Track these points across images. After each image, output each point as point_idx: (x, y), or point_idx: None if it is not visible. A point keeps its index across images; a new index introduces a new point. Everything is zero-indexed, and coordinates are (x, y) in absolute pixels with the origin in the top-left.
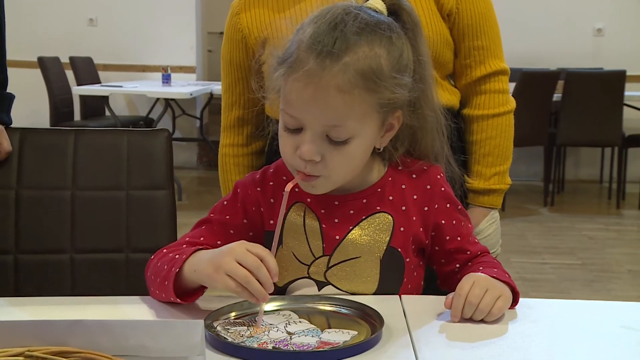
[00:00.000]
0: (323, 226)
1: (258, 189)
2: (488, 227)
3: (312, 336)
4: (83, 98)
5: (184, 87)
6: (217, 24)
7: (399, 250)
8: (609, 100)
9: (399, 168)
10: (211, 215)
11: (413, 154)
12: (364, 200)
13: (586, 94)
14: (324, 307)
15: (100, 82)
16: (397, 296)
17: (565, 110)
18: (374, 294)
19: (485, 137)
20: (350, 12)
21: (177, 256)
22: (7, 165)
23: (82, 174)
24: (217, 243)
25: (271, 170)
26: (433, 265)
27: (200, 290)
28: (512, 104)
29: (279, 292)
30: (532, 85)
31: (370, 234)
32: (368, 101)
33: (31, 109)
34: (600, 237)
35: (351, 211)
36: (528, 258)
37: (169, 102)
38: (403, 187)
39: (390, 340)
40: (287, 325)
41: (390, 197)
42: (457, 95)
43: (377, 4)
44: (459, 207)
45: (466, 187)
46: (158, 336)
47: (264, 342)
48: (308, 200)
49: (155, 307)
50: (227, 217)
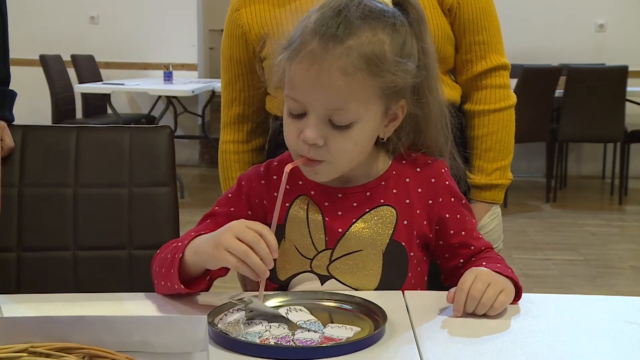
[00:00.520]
0: (326, 219)
1: (262, 182)
2: (490, 223)
3: (315, 331)
4: (85, 96)
5: (185, 84)
6: (219, 21)
7: (403, 244)
8: (611, 96)
9: (403, 162)
10: (216, 208)
11: (417, 147)
12: (368, 193)
13: (588, 89)
14: (327, 304)
15: (102, 80)
16: (400, 292)
17: (567, 106)
18: (377, 288)
19: (487, 132)
20: (354, 0)
21: (179, 244)
22: (10, 162)
23: (84, 172)
24: None
25: (275, 164)
26: (437, 260)
27: (204, 276)
28: (513, 98)
29: (282, 286)
30: (534, 81)
31: (372, 227)
32: (371, 85)
33: (33, 107)
34: (602, 233)
35: (355, 203)
36: (530, 254)
37: (170, 100)
38: (407, 180)
39: (394, 335)
40: (288, 312)
41: (394, 190)
42: (458, 91)
43: None
44: (463, 201)
45: (468, 182)
46: (161, 332)
47: (266, 339)
48: (312, 192)
49: (158, 303)
50: (232, 209)
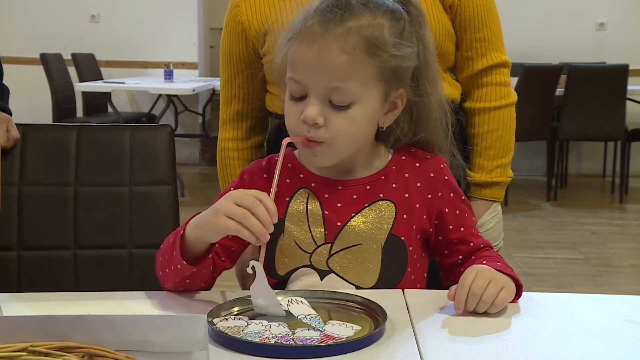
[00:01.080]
0: (325, 212)
1: (265, 175)
2: (490, 220)
3: (315, 330)
4: (85, 94)
5: (186, 83)
6: (219, 20)
7: (402, 238)
8: (611, 94)
9: (403, 157)
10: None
11: (416, 143)
12: (368, 187)
13: (589, 88)
14: (327, 302)
15: (102, 79)
16: (400, 290)
17: (567, 104)
18: (376, 282)
19: (487, 130)
20: None
21: (180, 231)
22: (10, 161)
23: (84, 170)
24: None
25: (276, 159)
26: (436, 257)
27: (207, 254)
28: (513, 96)
29: (281, 281)
30: (535, 79)
31: (371, 221)
32: (370, 65)
33: (33, 106)
34: (603, 232)
35: (354, 196)
36: (531, 253)
37: (171, 99)
38: (406, 175)
39: (394, 334)
40: (290, 304)
41: (394, 185)
42: (458, 89)
43: None
44: (463, 197)
45: (468, 179)
46: (161, 331)
47: (266, 337)
48: (312, 185)
49: (158, 302)
50: None
